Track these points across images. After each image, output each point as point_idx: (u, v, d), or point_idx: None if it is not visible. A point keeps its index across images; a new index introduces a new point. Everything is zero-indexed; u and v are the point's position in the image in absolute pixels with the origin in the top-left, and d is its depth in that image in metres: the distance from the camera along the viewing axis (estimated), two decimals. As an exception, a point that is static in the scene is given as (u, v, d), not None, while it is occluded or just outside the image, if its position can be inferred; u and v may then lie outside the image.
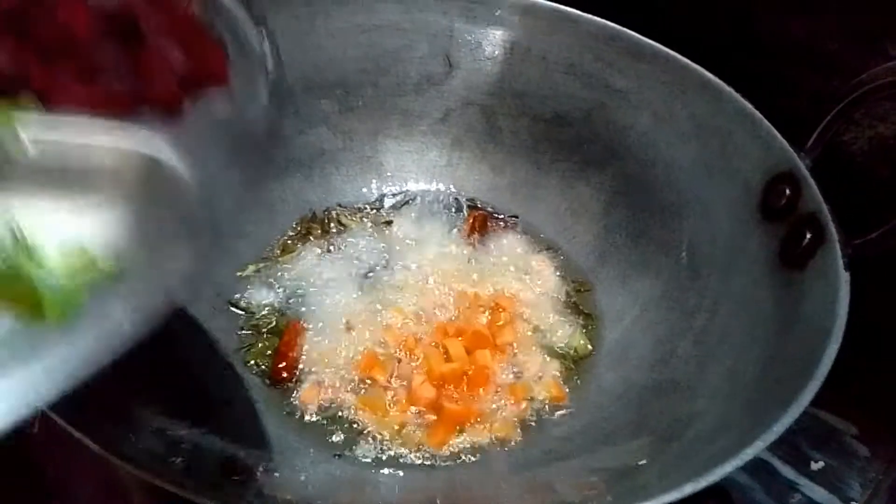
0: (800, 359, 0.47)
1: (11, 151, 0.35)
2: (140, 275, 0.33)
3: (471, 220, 0.71)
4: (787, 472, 0.60)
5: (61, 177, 0.36)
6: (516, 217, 0.73)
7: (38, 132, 0.36)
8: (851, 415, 0.64)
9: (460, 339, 0.61)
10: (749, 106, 0.60)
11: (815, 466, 0.60)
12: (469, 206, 0.73)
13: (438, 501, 0.52)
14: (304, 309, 0.63)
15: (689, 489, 0.38)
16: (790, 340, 0.49)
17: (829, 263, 0.50)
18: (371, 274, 0.67)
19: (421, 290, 0.65)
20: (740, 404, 0.49)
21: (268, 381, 0.58)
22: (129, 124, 0.37)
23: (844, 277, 0.49)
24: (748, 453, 0.40)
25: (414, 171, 0.75)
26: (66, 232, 0.35)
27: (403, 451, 0.55)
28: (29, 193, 0.36)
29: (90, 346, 0.29)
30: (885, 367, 0.63)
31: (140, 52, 0.39)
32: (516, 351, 0.62)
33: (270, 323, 0.62)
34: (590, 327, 0.65)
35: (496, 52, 0.72)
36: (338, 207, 0.72)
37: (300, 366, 0.59)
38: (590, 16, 0.69)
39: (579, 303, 0.66)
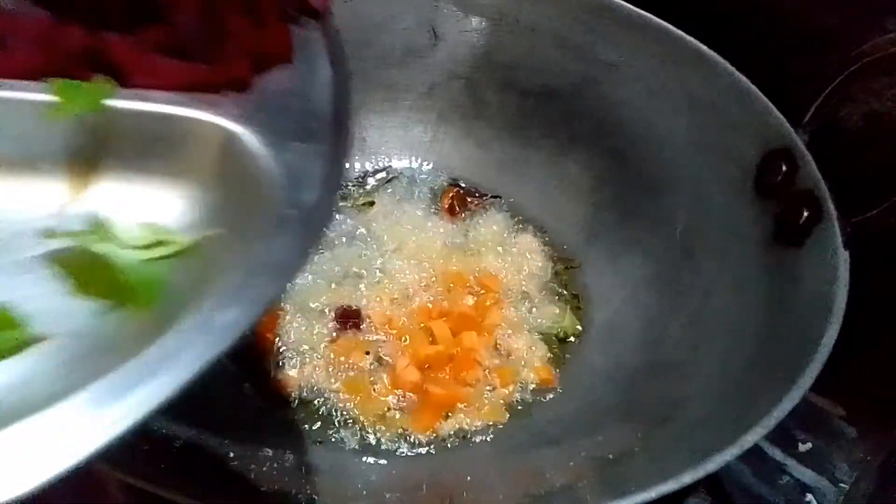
0: (798, 340, 0.45)
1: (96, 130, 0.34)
2: (234, 261, 0.31)
3: (448, 198, 0.69)
4: (775, 452, 0.59)
5: (143, 149, 0.36)
6: (499, 197, 0.71)
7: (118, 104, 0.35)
8: (838, 396, 0.62)
9: (444, 320, 0.60)
10: (744, 80, 0.58)
11: (802, 448, 0.59)
12: (449, 184, 0.71)
13: (424, 488, 0.50)
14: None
15: (688, 478, 0.37)
16: (787, 321, 0.48)
17: (827, 241, 0.49)
18: (352, 254, 0.64)
19: (403, 270, 0.63)
20: (735, 387, 0.47)
21: (246, 365, 0.56)
22: (207, 98, 0.36)
23: (844, 256, 0.47)
24: (748, 440, 0.39)
25: (397, 148, 0.72)
26: (141, 209, 0.35)
27: (387, 436, 0.53)
28: (110, 169, 0.36)
29: (192, 346, 0.27)
30: (872, 347, 0.62)
31: (219, 30, 0.38)
32: (503, 332, 0.60)
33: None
34: (578, 308, 0.63)
35: (483, 24, 0.70)
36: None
37: (280, 348, 0.57)
38: (580, -14, 0.66)
39: (567, 282, 0.65)
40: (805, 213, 0.51)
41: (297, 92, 0.38)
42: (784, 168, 0.54)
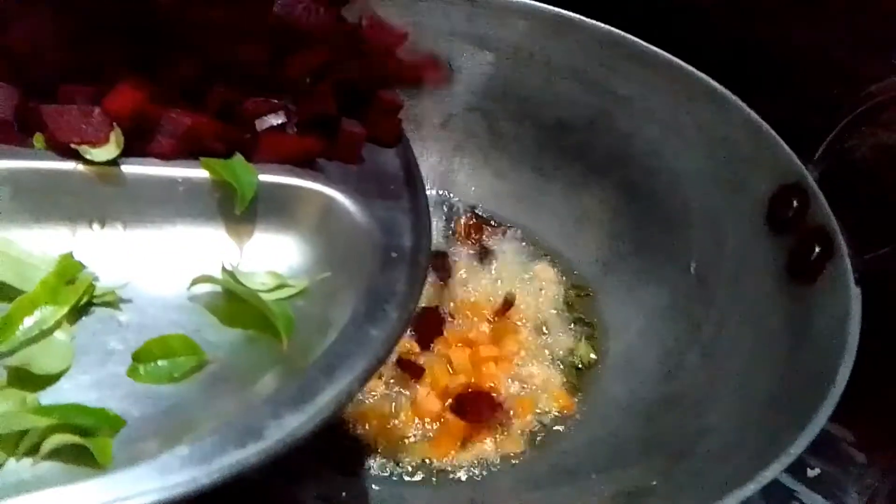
0: (813, 376, 0.46)
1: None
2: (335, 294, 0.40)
3: (465, 226, 0.71)
4: (784, 478, 0.60)
5: (261, 212, 0.44)
6: (517, 227, 0.72)
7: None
8: (848, 421, 0.63)
9: (461, 346, 0.61)
10: (755, 116, 0.60)
11: (811, 473, 0.60)
12: (467, 213, 0.73)
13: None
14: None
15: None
16: (802, 356, 0.49)
17: (839, 278, 0.50)
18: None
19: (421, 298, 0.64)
20: (753, 421, 0.48)
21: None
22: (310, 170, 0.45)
23: (855, 293, 0.48)
24: (766, 476, 0.40)
25: (414, 177, 0.74)
26: (266, 258, 0.43)
27: (407, 462, 0.54)
28: (239, 228, 0.44)
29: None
30: (883, 374, 0.63)
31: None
32: (521, 361, 0.61)
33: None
34: (594, 337, 0.64)
35: (498, 58, 0.71)
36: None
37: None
38: (594, 21, 0.68)
39: (583, 312, 0.66)
40: (817, 249, 0.52)
41: (370, 159, 0.48)
42: (795, 204, 0.55)
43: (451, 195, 0.74)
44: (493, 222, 0.73)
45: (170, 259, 0.43)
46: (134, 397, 0.36)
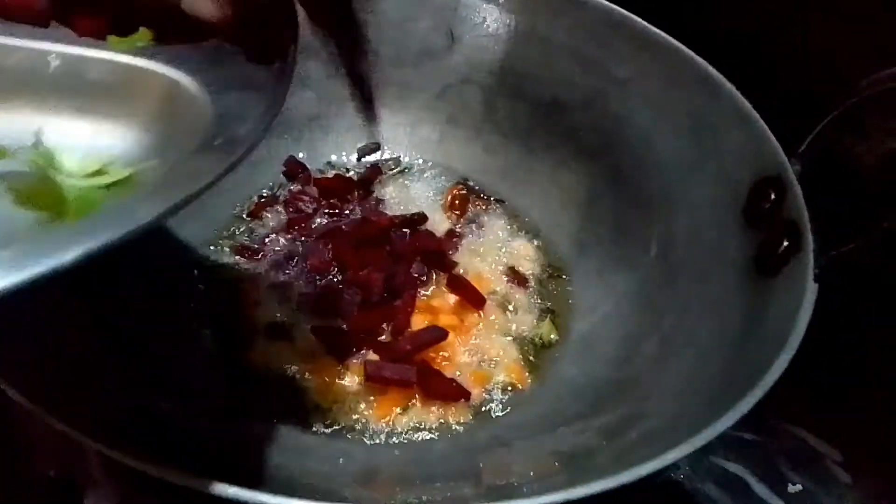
0: (756, 369, 0.44)
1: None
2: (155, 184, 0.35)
3: (450, 196, 0.70)
4: (762, 490, 0.58)
5: (86, 92, 0.40)
6: (502, 202, 0.71)
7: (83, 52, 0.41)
8: (836, 440, 0.61)
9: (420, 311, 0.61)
10: (747, 104, 0.58)
11: (792, 489, 0.58)
12: (456, 183, 0.72)
13: (378, 476, 0.51)
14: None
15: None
16: (749, 349, 0.47)
17: (799, 273, 0.48)
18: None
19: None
20: (690, 409, 0.47)
21: (218, 338, 0.58)
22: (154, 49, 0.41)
23: (812, 288, 0.46)
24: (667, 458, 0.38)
25: (405, 144, 0.74)
26: (86, 144, 0.40)
27: (347, 420, 0.54)
28: (55, 106, 0.40)
29: (104, 226, 0.30)
30: (881, 395, 0.60)
31: None
32: (480, 334, 0.61)
33: (227, 278, 0.62)
34: (558, 316, 0.63)
35: (500, 31, 0.71)
36: (318, 174, 0.71)
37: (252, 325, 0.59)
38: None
39: (553, 291, 0.65)
40: (785, 243, 0.50)
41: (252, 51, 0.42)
42: (773, 196, 0.53)
43: (441, 165, 0.74)
44: (482, 195, 0.72)
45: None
46: None
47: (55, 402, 0.38)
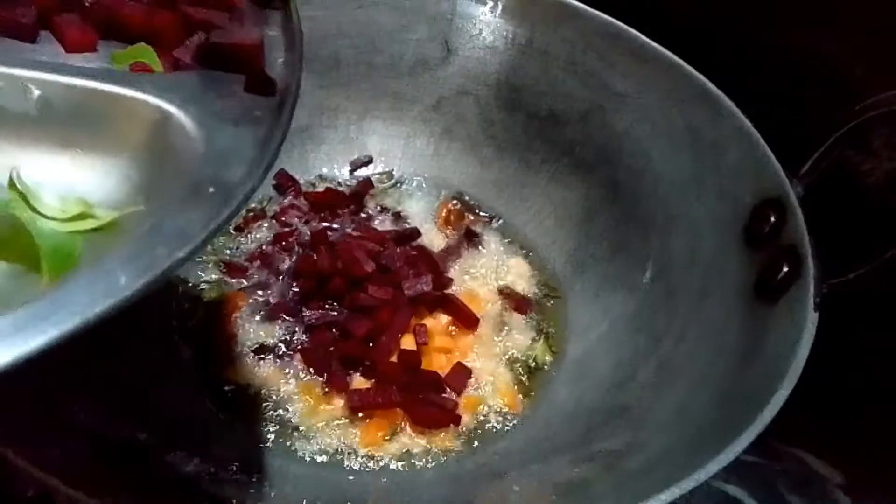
0: (753, 400, 0.43)
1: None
2: (141, 230, 0.31)
3: (444, 212, 0.69)
4: None
5: (69, 124, 0.36)
6: (496, 217, 0.70)
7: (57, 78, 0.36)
8: (839, 463, 0.60)
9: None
10: (747, 123, 0.56)
11: None
12: (451, 198, 0.71)
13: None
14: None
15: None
16: (746, 379, 0.46)
17: (799, 301, 0.46)
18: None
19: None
20: (686, 440, 0.45)
21: (201, 358, 0.56)
22: (148, 77, 0.38)
23: (812, 318, 0.45)
24: (661, 499, 0.37)
25: (399, 157, 0.72)
26: (67, 181, 0.36)
27: (334, 446, 0.52)
28: (35, 139, 0.36)
29: (83, 298, 0.27)
30: (883, 417, 0.59)
31: None
32: (473, 356, 0.59)
33: (211, 295, 0.60)
34: (553, 338, 0.61)
35: (496, 42, 0.69)
36: (309, 187, 0.70)
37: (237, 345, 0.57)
38: (596, 11, 0.65)
39: (548, 312, 0.63)
40: (785, 269, 0.49)
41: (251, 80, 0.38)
42: (773, 219, 0.52)
43: (435, 178, 0.72)
44: (477, 211, 0.70)
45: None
46: None
47: (24, 440, 0.36)
